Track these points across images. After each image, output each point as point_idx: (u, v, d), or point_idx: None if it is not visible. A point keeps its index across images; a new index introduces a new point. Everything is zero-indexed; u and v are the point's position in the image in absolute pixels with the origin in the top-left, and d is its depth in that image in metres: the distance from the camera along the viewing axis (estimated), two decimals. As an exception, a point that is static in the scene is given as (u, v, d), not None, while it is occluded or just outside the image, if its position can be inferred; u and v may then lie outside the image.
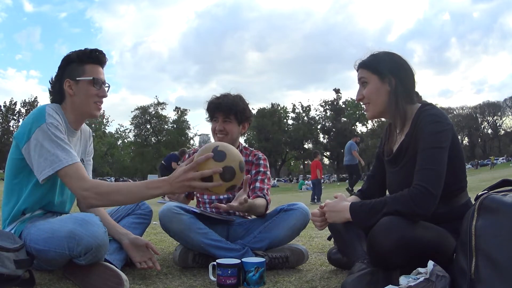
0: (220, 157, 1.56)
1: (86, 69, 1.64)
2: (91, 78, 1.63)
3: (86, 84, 1.62)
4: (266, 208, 2.06)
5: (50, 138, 1.49)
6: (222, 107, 2.11)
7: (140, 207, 1.98)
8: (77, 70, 1.63)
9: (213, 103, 2.14)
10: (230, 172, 1.53)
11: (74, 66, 1.64)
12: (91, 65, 1.65)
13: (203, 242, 1.84)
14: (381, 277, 1.38)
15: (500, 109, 59.94)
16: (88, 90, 1.63)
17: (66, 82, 1.62)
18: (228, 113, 2.10)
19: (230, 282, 1.55)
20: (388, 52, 1.58)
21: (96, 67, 1.67)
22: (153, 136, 47.11)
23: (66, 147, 1.50)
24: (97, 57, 1.68)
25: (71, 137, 1.68)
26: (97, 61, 1.68)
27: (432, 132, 1.39)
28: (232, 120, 2.12)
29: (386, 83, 1.51)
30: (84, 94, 1.63)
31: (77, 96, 1.63)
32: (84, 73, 1.63)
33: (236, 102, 2.12)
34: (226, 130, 2.12)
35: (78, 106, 1.64)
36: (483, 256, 1.13)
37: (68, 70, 1.64)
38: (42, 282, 1.55)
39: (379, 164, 1.72)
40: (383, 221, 1.34)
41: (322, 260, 2.12)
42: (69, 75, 1.63)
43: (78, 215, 1.46)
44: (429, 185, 1.34)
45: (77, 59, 1.64)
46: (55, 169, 1.46)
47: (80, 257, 1.41)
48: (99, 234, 1.40)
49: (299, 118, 53.78)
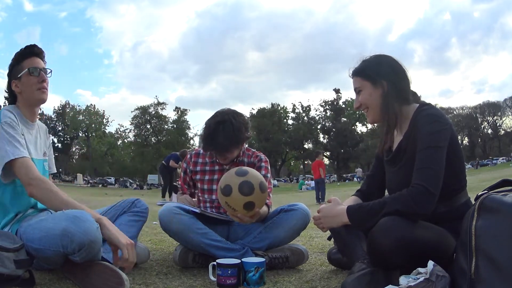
0: (242, 172, 1.64)
1: (24, 64, 1.76)
2: (27, 69, 1.74)
3: (25, 76, 1.74)
4: (267, 214, 2.06)
5: (2, 136, 1.60)
6: (220, 150, 2.03)
7: (136, 204, 1.97)
8: (17, 69, 1.76)
9: (208, 144, 2.03)
10: (248, 186, 1.57)
11: (15, 67, 1.77)
12: (27, 59, 1.76)
13: (203, 242, 1.84)
14: (381, 277, 1.38)
15: (500, 109, 59.91)
16: (28, 81, 1.75)
17: (13, 83, 1.76)
18: (230, 151, 2.05)
19: (230, 282, 1.55)
20: (378, 55, 1.59)
21: (32, 59, 1.77)
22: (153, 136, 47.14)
23: (15, 144, 1.61)
24: (30, 50, 1.78)
25: (30, 129, 1.80)
26: (31, 53, 1.78)
27: (430, 131, 1.40)
28: (233, 151, 2.08)
29: (379, 87, 1.53)
30: (27, 86, 1.75)
31: (23, 91, 1.76)
32: (22, 69, 1.75)
33: (236, 136, 2.00)
34: (229, 159, 2.10)
35: (26, 98, 1.77)
36: (483, 256, 1.13)
37: (12, 73, 1.78)
38: (42, 282, 1.56)
39: (379, 163, 1.72)
40: (383, 221, 1.34)
41: (322, 260, 2.12)
42: (13, 76, 1.77)
43: (70, 212, 1.47)
44: (428, 184, 1.34)
45: (16, 60, 1.77)
46: (2, 163, 1.56)
47: (74, 254, 1.42)
48: (91, 230, 1.42)
49: (299, 118, 53.80)
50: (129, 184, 37.87)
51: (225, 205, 1.77)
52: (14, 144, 1.60)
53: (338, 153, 48.51)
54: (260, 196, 1.61)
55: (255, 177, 1.66)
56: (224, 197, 1.74)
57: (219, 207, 2.14)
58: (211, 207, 2.16)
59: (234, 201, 1.65)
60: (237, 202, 1.63)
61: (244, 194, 1.58)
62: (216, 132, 1.99)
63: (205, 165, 2.21)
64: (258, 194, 1.59)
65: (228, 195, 1.70)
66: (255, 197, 1.60)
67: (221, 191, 1.74)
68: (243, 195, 1.59)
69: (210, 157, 2.20)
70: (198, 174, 2.21)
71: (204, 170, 2.20)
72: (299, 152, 52.56)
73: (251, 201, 1.60)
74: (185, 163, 2.30)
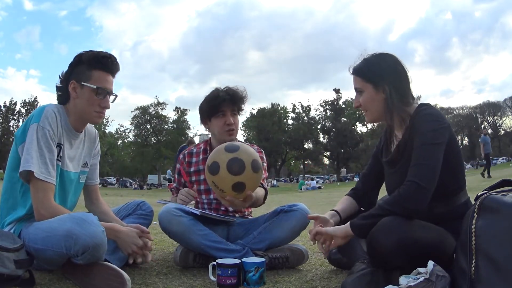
0: (232, 148, 1.40)
1: (94, 75, 1.59)
2: (95, 87, 1.58)
3: (90, 91, 1.59)
4: (265, 197, 2.02)
5: (33, 141, 1.49)
6: (233, 100, 2.00)
7: (141, 207, 1.98)
8: (85, 73, 1.59)
9: (220, 97, 1.99)
10: (238, 165, 1.35)
11: (83, 68, 1.60)
12: (100, 71, 1.60)
13: (203, 244, 1.83)
14: (381, 277, 1.38)
15: (500, 109, 59.89)
16: (90, 98, 1.60)
17: (72, 83, 1.60)
18: (237, 106, 2.03)
19: (230, 282, 1.55)
20: (379, 54, 1.56)
21: (105, 75, 1.62)
22: (153, 136, 47.07)
23: (46, 160, 1.50)
24: (107, 64, 1.62)
25: (73, 138, 1.67)
26: (107, 68, 1.63)
27: (427, 130, 1.40)
28: (237, 113, 2.06)
29: (381, 91, 1.52)
30: (86, 101, 1.60)
31: (79, 100, 1.61)
32: (90, 79, 1.59)
33: (241, 94, 2.04)
34: (235, 124, 2.04)
35: (79, 110, 1.62)
36: (483, 256, 1.13)
37: (76, 71, 1.60)
38: (42, 282, 1.55)
39: (375, 163, 1.73)
40: (383, 222, 1.34)
41: (322, 260, 2.12)
42: (76, 77, 1.60)
43: (76, 215, 1.46)
44: (419, 179, 1.34)
45: (87, 62, 1.59)
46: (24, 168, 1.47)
47: (77, 256, 1.41)
48: (97, 233, 1.40)
49: (299, 118, 53.70)
50: (129, 184, 37.85)
51: (212, 185, 1.55)
52: (45, 161, 1.50)
53: (338, 153, 48.41)
54: (252, 176, 1.40)
55: (247, 154, 1.43)
56: (211, 176, 1.54)
57: (217, 209, 2.12)
58: (209, 209, 2.13)
59: (222, 181, 1.43)
60: (225, 182, 1.40)
61: (233, 173, 1.36)
62: (221, 92, 2.00)
63: (198, 164, 2.15)
64: (250, 173, 1.38)
65: (215, 173, 1.49)
66: (246, 177, 1.39)
67: (208, 169, 1.55)
68: (232, 174, 1.38)
69: (204, 153, 2.14)
70: (192, 175, 2.17)
71: (198, 170, 2.15)
72: (299, 152, 52.45)
73: (241, 182, 1.38)
74: (178, 164, 2.24)
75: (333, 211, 1.69)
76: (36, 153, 1.49)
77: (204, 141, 2.24)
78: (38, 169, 1.48)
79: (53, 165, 1.54)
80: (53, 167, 1.54)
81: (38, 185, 1.50)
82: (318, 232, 1.54)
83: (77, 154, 1.73)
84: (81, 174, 1.78)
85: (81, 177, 1.79)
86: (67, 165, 1.66)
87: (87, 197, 1.91)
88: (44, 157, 1.50)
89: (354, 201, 1.75)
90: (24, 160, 1.49)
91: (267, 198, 2.06)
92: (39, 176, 1.49)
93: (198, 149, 2.20)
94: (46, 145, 1.51)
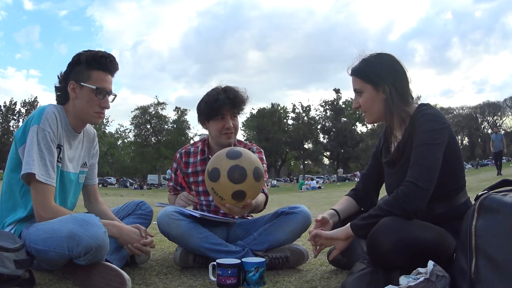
0: (234, 154, 1.35)
1: (93, 75, 1.58)
2: (95, 87, 1.58)
3: (89, 91, 1.58)
4: (265, 203, 2.00)
5: (34, 143, 1.49)
6: (233, 104, 1.94)
7: (141, 207, 1.98)
8: (83, 74, 1.58)
9: (219, 100, 1.92)
10: (240, 173, 1.31)
11: (81, 68, 1.59)
12: (98, 71, 1.59)
13: (203, 246, 1.81)
14: (381, 277, 1.38)
15: (500, 109, 59.86)
16: (90, 98, 1.59)
17: (71, 84, 1.59)
18: (238, 109, 1.98)
19: (230, 282, 1.55)
20: (378, 54, 1.56)
21: (104, 75, 1.61)
22: (153, 136, 47.06)
23: (47, 163, 1.50)
24: (106, 64, 1.61)
25: (72, 139, 1.67)
26: (106, 68, 1.61)
27: (426, 130, 1.40)
28: (237, 115, 2.02)
29: (381, 92, 1.51)
30: (86, 101, 1.59)
31: (79, 100, 1.60)
32: (89, 79, 1.58)
33: (242, 96, 1.98)
34: (234, 127, 1.99)
35: (79, 110, 1.62)
36: (483, 256, 1.13)
37: (75, 72, 1.59)
38: (42, 282, 1.55)
39: (375, 163, 1.72)
40: (383, 222, 1.34)
41: (322, 260, 2.11)
42: (75, 77, 1.59)
43: (78, 216, 1.45)
44: (417, 179, 1.34)
45: (86, 62, 1.58)
46: (25, 170, 1.47)
47: (80, 258, 1.41)
48: (99, 234, 1.40)
49: (299, 118, 53.73)
50: (129, 184, 37.84)
51: (212, 192, 1.49)
52: (46, 163, 1.50)
53: (338, 153, 48.46)
54: (254, 185, 1.35)
55: (249, 161, 1.38)
56: (210, 183, 1.49)
57: (217, 210, 2.10)
58: (208, 210, 2.11)
59: (222, 189, 1.38)
60: (225, 190, 1.36)
61: (233, 181, 1.32)
62: (221, 95, 1.92)
63: (196, 165, 2.11)
64: (251, 182, 1.33)
65: (215, 180, 1.44)
66: (247, 185, 1.34)
67: (208, 174, 1.49)
68: (232, 182, 1.33)
69: (201, 154, 2.11)
70: (190, 176, 2.13)
71: (196, 171, 2.11)
72: (299, 152, 52.46)
73: (242, 190, 1.34)
74: (175, 163, 2.19)
75: (333, 211, 1.69)
76: (36, 155, 1.49)
77: (201, 140, 2.20)
78: (39, 172, 1.48)
79: (53, 167, 1.54)
80: (53, 169, 1.54)
81: (38, 187, 1.50)
82: (317, 235, 1.54)
83: (76, 155, 1.73)
84: (80, 174, 1.78)
85: (80, 177, 1.79)
86: (67, 166, 1.66)
87: (86, 197, 1.92)
88: (45, 159, 1.50)
89: (354, 201, 1.75)
90: (25, 162, 1.49)
91: (267, 203, 2.04)
92: (40, 179, 1.49)
93: (195, 149, 2.16)
94: (46, 147, 1.51)
